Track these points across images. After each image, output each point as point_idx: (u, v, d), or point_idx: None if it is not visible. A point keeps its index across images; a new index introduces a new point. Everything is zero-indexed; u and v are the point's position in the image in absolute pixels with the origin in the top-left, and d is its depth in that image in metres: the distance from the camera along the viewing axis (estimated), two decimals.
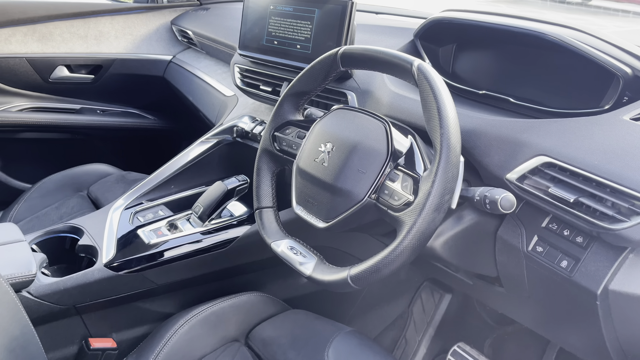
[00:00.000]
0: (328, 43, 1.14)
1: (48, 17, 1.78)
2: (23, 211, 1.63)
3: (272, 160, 1.01)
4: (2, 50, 1.72)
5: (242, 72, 1.38)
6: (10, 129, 1.75)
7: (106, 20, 1.90)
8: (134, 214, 1.24)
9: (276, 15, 1.24)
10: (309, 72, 0.94)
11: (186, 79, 1.84)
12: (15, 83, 1.78)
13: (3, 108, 1.75)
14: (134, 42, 1.94)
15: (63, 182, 1.73)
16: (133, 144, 2.09)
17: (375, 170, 0.80)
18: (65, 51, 1.83)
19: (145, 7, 2.00)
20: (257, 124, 1.34)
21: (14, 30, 1.73)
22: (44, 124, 1.80)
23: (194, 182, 1.37)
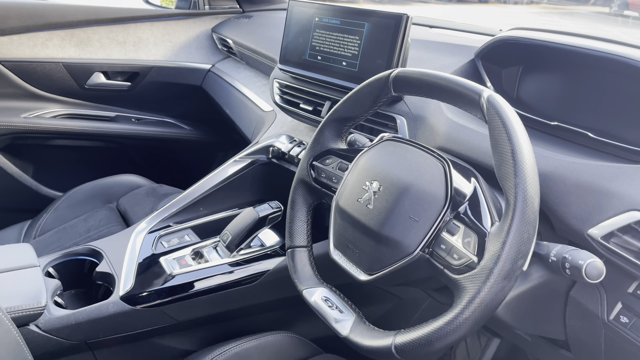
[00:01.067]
0: (377, 61, 1.02)
1: (87, 21, 1.73)
2: (51, 221, 1.58)
3: (309, 193, 0.90)
4: (38, 54, 1.67)
5: (282, 87, 1.28)
6: (43, 136, 1.71)
7: (145, 27, 1.84)
8: (158, 239, 1.15)
9: (321, 28, 1.12)
10: (355, 96, 0.83)
11: (224, 90, 1.76)
12: (50, 88, 1.74)
13: (37, 114, 1.71)
14: (173, 50, 1.88)
15: (93, 192, 1.67)
16: (167, 154, 2.02)
17: (431, 219, 0.67)
18: (103, 57, 1.78)
19: (186, 14, 1.93)
20: (295, 145, 1.23)
21: (51, 34, 1.68)
22: (78, 131, 1.75)
23: (225, 205, 1.27)
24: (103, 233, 1.48)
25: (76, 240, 1.46)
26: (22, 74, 1.67)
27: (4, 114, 1.64)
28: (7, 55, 1.62)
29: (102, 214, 1.56)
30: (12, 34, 1.61)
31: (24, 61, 1.65)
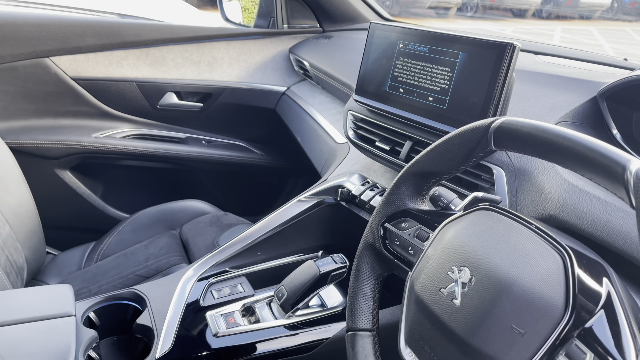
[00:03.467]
0: (472, 99, 0.84)
1: (162, 40, 1.68)
2: (113, 245, 1.53)
3: (378, 261, 0.73)
4: (113, 73, 1.64)
5: (357, 121, 1.12)
6: (112, 156, 1.67)
7: (221, 46, 1.76)
8: (208, 287, 1.02)
9: (406, 56, 0.96)
10: (443, 147, 0.65)
11: (297, 115, 1.63)
12: (122, 108, 1.70)
13: (108, 134, 1.68)
14: (248, 70, 1.78)
15: (157, 217, 1.61)
16: (237, 179, 1.93)
17: (542, 334, 0.48)
18: (176, 77, 1.72)
19: (264, 33, 1.83)
20: (367, 188, 1.07)
21: (127, 53, 1.65)
22: (147, 153, 1.70)
23: (285, 249, 1.13)
24: (161, 264, 1.41)
25: (133, 269, 1.40)
26: (96, 92, 1.64)
27: (76, 133, 1.62)
28: (83, 73, 1.60)
29: (164, 242, 1.49)
30: (88, 52, 1.59)
31: (98, 80, 1.63)
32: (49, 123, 1.61)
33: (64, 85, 1.59)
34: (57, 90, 1.58)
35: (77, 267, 1.51)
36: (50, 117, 1.62)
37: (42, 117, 1.60)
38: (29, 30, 1.50)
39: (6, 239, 1.26)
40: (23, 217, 1.34)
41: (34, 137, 1.56)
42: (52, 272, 1.50)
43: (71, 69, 1.58)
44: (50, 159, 1.59)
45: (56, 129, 1.61)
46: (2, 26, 1.47)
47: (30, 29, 1.50)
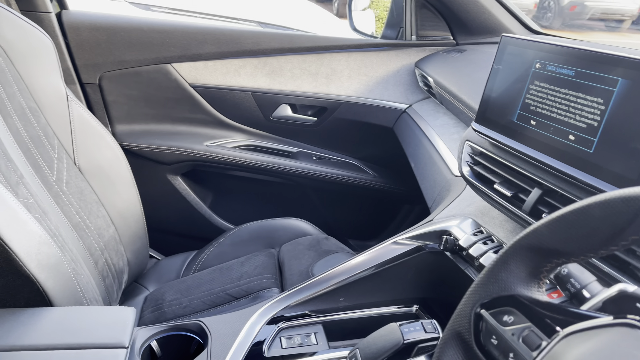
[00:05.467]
0: (633, 144, 0.60)
1: (281, 50, 1.61)
2: (212, 257, 1.50)
3: (465, 357, 0.54)
4: (230, 82, 1.61)
5: (475, 155, 0.91)
6: (222, 166, 1.65)
7: (342, 57, 1.65)
8: (278, 332, 0.90)
9: (543, 79, 0.74)
10: (578, 218, 0.44)
11: (414, 137, 1.45)
12: (236, 117, 1.67)
13: (219, 143, 1.65)
14: (368, 85, 1.64)
15: (258, 233, 1.55)
16: (346, 199, 1.80)
17: None
18: (292, 89, 1.64)
19: (389, 44, 1.68)
20: (479, 240, 0.86)
21: (244, 62, 1.61)
22: (256, 165, 1.65)
23: (373, 297, 0.97)
24: (252, 285, 1.34)
25: (225, 287, 1.35)
26: (212, 100, 1.63)
27: (189, 140, 1.62)
28: (201, 81, 1.60)
29: (260, 260, 1.42)
30: (207, 60, 1.58)
31: (215, 88, 1.61)
32: (166, 129, 1.63)
33: (183, 91, 1.59)
34: (176, 96, 1.59)
35: (175, 275, 1.50)
36: (168, 123, 1.64)
37: (161, 122, 1.63)
38: (154, 36, 1.52)
39: (108, 242, 1.26)
40: (129, 220, 1.34)
41: (151, 141, 1.59)
42: (152, 277, 1.50)
43: (190, 75, 1.59)
44: (163, 164, 1.61)
45: (172, 134, 1.63)
46: (129, 31, 1.51)
47: (155, 35, 1.52)
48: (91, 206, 1.23)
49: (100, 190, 1.27)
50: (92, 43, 1.51)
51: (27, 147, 1.11)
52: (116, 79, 1.56)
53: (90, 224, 1.21)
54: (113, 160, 1.31)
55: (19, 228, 0.86)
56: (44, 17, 1.42)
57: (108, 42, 1.51)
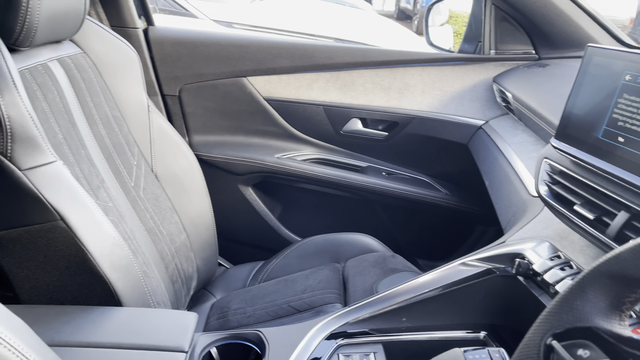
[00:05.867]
0: None
1: (353, 64, 1.61)
2: (278, 268, 1.51)
3: None
4: (302, 95, 1.63)
5: (553, 173, 0.85)
6: (292, 178, 1.66)
7: (415, 72, 1.62)
8: (336, 349, 0.88)
9: (634, 92, 0.68)
10: None
11: (489, 154, 1.39)
12: (307, 130, 1.68)
13: (289, 155, 1.67)
14: (442, 100, 1.60)
15: (324, 247, 1.55)
16: (415, 217, 1.75)
17: None
18: (364, 103, 1.63)
19: (466, 59, 1.63)
20: (556, 265, 0.79)
21: (317, 76, 1.62)
22: (325, 179, 1.65)
23: (438, 319, 0.92)
24: (316, 299, 1.34)
25: (288, 300, 1.35)
26: (284, 113, 1.65)
27: (261, 152, 1.65)
28: (274, 94, 1.63)
29: (324, 274, 1.41)
30: (281, 74, 1.61)
31: (288, 101, 1.64)
32: (239, 140, 1.68)
33: (257, 104, 1.63)
34: (250, 109, 1.64)
35: (242, 284, 1.52)
36: (241, 135, 1.68)
37: (234, 134, 1.68)
38: (231, 50, 1.57)
39: (179, 247, 1.31)
40: (200, 227, 1.38)
41: (224, 152, 1.64)
42: (220, 285, 1.54)
43: (264, 89, 1.62)
44: (235, 175, 1.65)
45: (244, 146, 1.67)
46: (208, 46, 1.57)
47: (232, 50, 1.58)
48: (165, 212, 1.28)
49: (174, 197, 1.32)
50: (174, 57, 1.58)
51: (110, 154, 1.17)
52: (195, 92, 1.62)
53: (163, 230, 1.25)
54: (188, 169, 1.35)
55: (95, 229, 0.90)
56: (132, 33, 1.51)
57: (189, 56, 1.58)
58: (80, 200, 0.90)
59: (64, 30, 1.08)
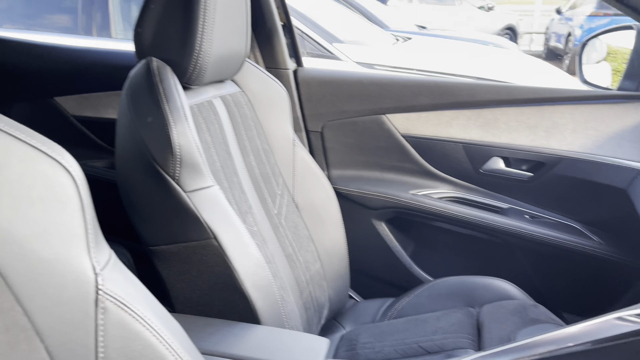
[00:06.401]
0: None
1: (497, 101, 1.57)
2: (409, 307, 1.51)
3: None
4: (441, 132, 1.62)
5: None
6: (426, 216, 1.64)
7: (566, 110, 1.52)
8: None
9: None
10: None
11: None
12: (444, 168, 1.66)
13: (425, 192, 1.66)
14: (596, 140, 1.48)
15: (458, 289, 1.51)
16: (561, 266, 1.61)
17: None
18: (506, 141, 1.57)
19: (627, 96, 1.49)
20: None
21: (457, 114, 1.60)
22: (462, 218, 1.60)
23: None
24: (447, 342, 1.31)
25: (418, 340, 1.34)
26: (421, 150, 1.66)
27: (395, 187, 1.66)
28: (412, 131, 1.64)
29: (457, 318, 1.37)
30: (420, 111, 1.62)
31: (425, 138, 1.64)
32: (374, 175, 1.71)
33: (394, 141, 1.66)
34: (387, 145, 1.67)
35: (371, 319, 1.53)
36: (377, 170, 1.71)
37: (370, 169, 1.71)
38: (372, 89, 1.63)
39: (314, 275, 1.36)
40: (334, 258, 1.43)
41: (360, 186, 1.68)
42: (350, 317, 1.55)
43: (403, 126, 1.64)
44: (369, 209, 1.68)
45: (380, 181, 1.69)
46: (351, 84, 1.65)
47: (373, 88, 1.63)
48: (302, 240, 1.34)
49: (312, 227, 1.38)
50: (319, 95, 1.68)
51: (258, 182, 1.27)
52: (336, 128, 1.70)
53: (300, 257, 1.32)
54: (326, 200, 1.41)
55: (242, 250, 0.98)
56: (283, 73, 1.65)
57: (332, 95, 1.67)
58: (231, 222, 0.99)
59: (227, 70, 1.21)
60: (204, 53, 1.04)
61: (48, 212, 0.55)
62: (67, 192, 0.56)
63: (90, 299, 0.56)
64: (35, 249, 0.53)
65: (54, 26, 3.27)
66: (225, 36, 1.10)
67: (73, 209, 0.57)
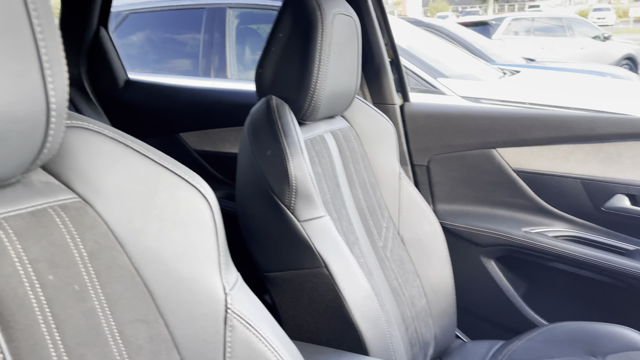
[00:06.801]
0: None
1: (620, 135, 1.46)
2: (520, 352, 1.44)
3: None
4: (556, 168, 1.54)
5: None
6: (541, 255, 1.55)
7: None
8: None
9: None
10: None
11: None
12: (560, 205, 1.57)
13: (539, 230, 1.57)
14: None
15: (577, 335, 1.40)
16: None
17: None
18: (633, 178, 1.46)
19: None
20: None
21: (574, 148, 1.52)
22: (581, 259, 1.49)
23: None
24: None
25: None
26: (534, 186, 1.58)
27: (506, 224, 1.60)
28: (525, 166, 1.58)
29: None
30: (533, 145, 1.56)
31: (539, 173, 1.57)
32: (483, 211, 1.66)
33: (505, 176, 1.61)
34: (497, 180, 1.62)
35: None
36: (486, 206, 1.66)
37: (479, 204, 1.67)
38: (481, 122, 1.60)
39: (419, 312, 1.34)
40: (440, 295, 1.40)
41: (468, 222, 1.64)
42: (456, 357, 1.50)
43: (514, 160, 1.59)
44: (478, 245, 1.63)
45: (489, 217, 1.64)
46: (459, 118, 1.63)
47: (482, 122, 1.60)
48: (408, 275, 1.33)
49: (417, 261, 1.37)
50: (426, 130, 1.69)
51: (364, 215, 1.29)
52: (442, 162, 1.69)
53: (405, 292, 1.31)
54: (432, 235, 1.40)
55: (351, 280, 1.00)
56: (390, 108, 1.68)
57: (439, 129, 1.67)
58: (341, 252, 1.02)
59: (338, 107, 1.27)
60: (319, 91, 1.10)
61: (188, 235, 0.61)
62: (204, 217, 0.62)
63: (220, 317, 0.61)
64: (177, 267, 0.59)
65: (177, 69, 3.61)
66: (338, 74, 1.16)
67: (208, 233, 0.62)
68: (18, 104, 0.43)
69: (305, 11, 1.07)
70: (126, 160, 0.58)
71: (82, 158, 0.56)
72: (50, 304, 0.48)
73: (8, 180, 0.49)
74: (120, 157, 0.58)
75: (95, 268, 0.53)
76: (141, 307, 0.56)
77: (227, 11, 3.46)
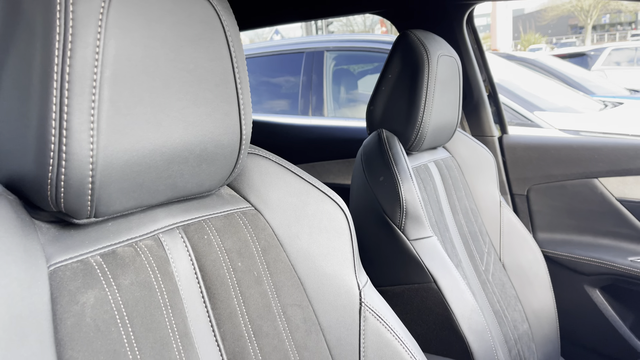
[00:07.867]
0: None
1: None
2: None
3: None
4: None
5: None
6: None
7: None
8: None
9: None
10: None
11: None
12: None
13: None
14: None
15: None
16: None
17: None
18: None
19: None
20: None
21: None
22: None
23: None
24: None
25: None
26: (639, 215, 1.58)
27: (611, 253, 1.59)
28: (629, 195, 1.58)
29: None
30: (638, 175, 1.56)
31: None
32: (586, 240, 1.66)
33: (609, 205, 1.61)
34: (600, 209, 1.62)
35: None
36: (589, 235, 1.66)
37: (581, 233, 1.67)
38: (582, 153, 1.63)
39: (522, 335, 1.38)
40: (543, 321, 1.43)
41: (571, 250, 1.65)
42: None
43: (618, 190, 1.59)
44: (581, 274, 1.63)
45: (593, 246, 1.64)
46: (559, 149, 1.67)
47: (583, 152, 1.63)
48: (509, 299, 1.38)
49: (519, 287, 1.42)
50: (525, 160, 1.74)
51: (466, 239, 1.38)
52: (542, 191, 1.72)
53: (507, 315, 1.36)
54: (533, 262, 1.44)
55: (459, 295, 1.09)
56: (489, 140, 1.75)
57: (539, 159, 1.71)
58: (448, 269, 1.11)
59: (441, 139, 1.38)
60: (425, 124, 1.23)
61: (330, 239, 0.75)
62: (342, 225, 0.77)
63: (355, 308, 0.74)
64: (322, 265, 0.74)
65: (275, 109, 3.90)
66: (442, 109, 1.28)
67: (345, 238, 0.77)
68: (225, 135, 0.60)
69: (414, 54, 1.21)
70: (285, 179, 0.74)
71: (255, 177, 0.73)
72: (240, 284, 0.64)
73: (210, 191, 0.66)
74: (281, 176, 0.74)
75: (267, 260, 0.68)
76: (297, 294, 0.70)
77: (325, 54, 3.72)
